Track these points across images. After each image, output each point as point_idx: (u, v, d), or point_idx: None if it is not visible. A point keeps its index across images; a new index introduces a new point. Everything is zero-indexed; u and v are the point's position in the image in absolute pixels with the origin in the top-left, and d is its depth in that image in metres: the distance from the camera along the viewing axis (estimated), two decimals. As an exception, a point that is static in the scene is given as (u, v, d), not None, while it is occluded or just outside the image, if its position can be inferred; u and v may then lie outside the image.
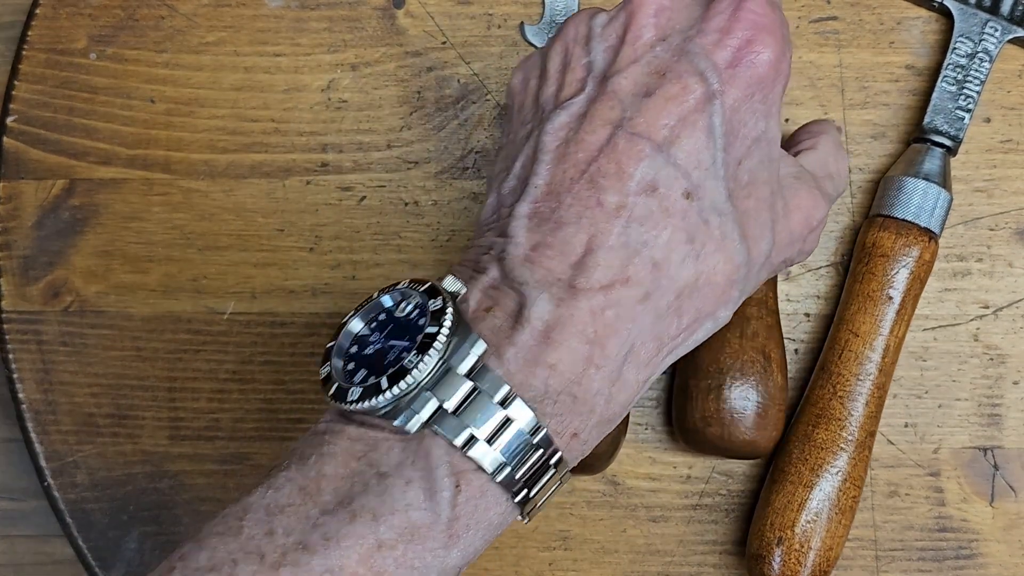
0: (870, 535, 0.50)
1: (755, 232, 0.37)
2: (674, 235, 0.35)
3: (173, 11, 0.53)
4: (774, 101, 0.38)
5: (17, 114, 0.53)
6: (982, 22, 0.50)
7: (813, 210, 0.40)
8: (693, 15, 0.38)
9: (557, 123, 0.37)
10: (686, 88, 0.36)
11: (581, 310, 0.34)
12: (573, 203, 0.35)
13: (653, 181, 0.35)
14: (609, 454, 0.47)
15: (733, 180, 0.37)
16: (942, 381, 0.50)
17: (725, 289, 0.37)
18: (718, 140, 0.36)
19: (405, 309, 0.35)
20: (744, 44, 0.37)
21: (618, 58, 0.37)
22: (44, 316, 0.52)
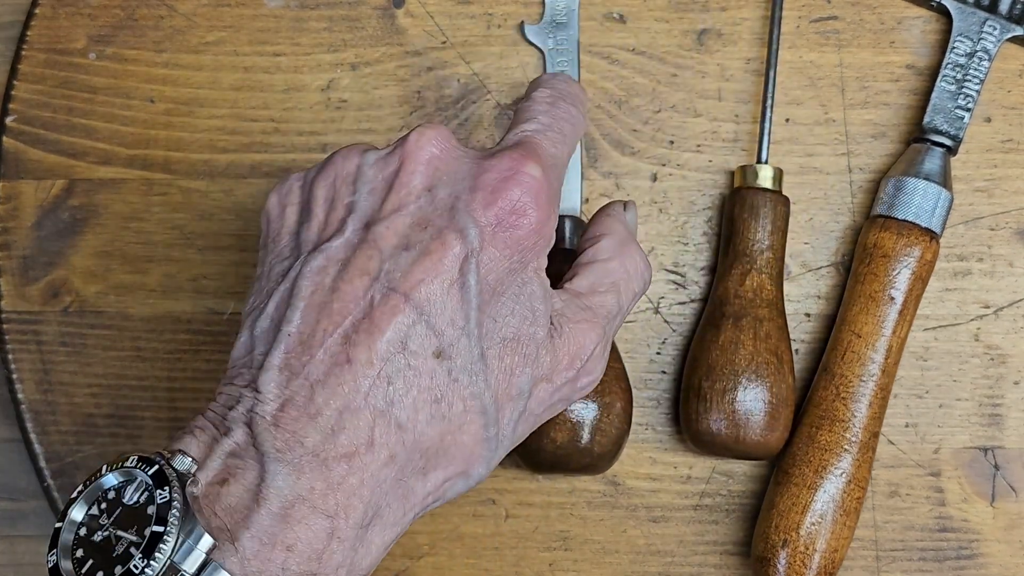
0: (871, 535, 0.50)
1: (511, 390, 0.37)
2: (421, 395, 0.35)
3: (172, 11, 0.53)
4: (532, 260, 0.38)
5: (16, 114, 0.53)
6: (981, 21, 0.50)
7: (579, 347, 0.39)
8: (464, 169, 0.38)
9: (314, 266, 0.36)
10: (445, 245, 0.36)
11: (324, 480, 0.34)
12: (324, 358, 0.35)
13: (404, 338, 0.35)
14: (612, 454, 0.47)
15: (489, 338, 0.36)
16: (943, 381, 0.50)
17: (473, 448, 0.37)
18: (473, 299, 0.36)
19: (132, 496, 0.34)
20: (511, 207, 0.37)
21: (384, 204, 0.37)
22: (44, 316, 0.52)
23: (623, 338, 0.51)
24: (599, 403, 0.46)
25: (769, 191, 0.48)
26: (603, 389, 0.46)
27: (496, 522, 0.51)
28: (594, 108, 0.52)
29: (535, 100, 0.42)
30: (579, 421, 0.46)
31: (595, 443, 0.46)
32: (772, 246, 0.48)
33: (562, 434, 0.46)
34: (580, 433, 0.46)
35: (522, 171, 0.37)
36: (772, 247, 0.48)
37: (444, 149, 0.38)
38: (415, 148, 0.38)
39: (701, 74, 0.52)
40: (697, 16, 0.52)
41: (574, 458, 0.46)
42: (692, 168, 0.51)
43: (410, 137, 0.38)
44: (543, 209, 0.37)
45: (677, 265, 0.51)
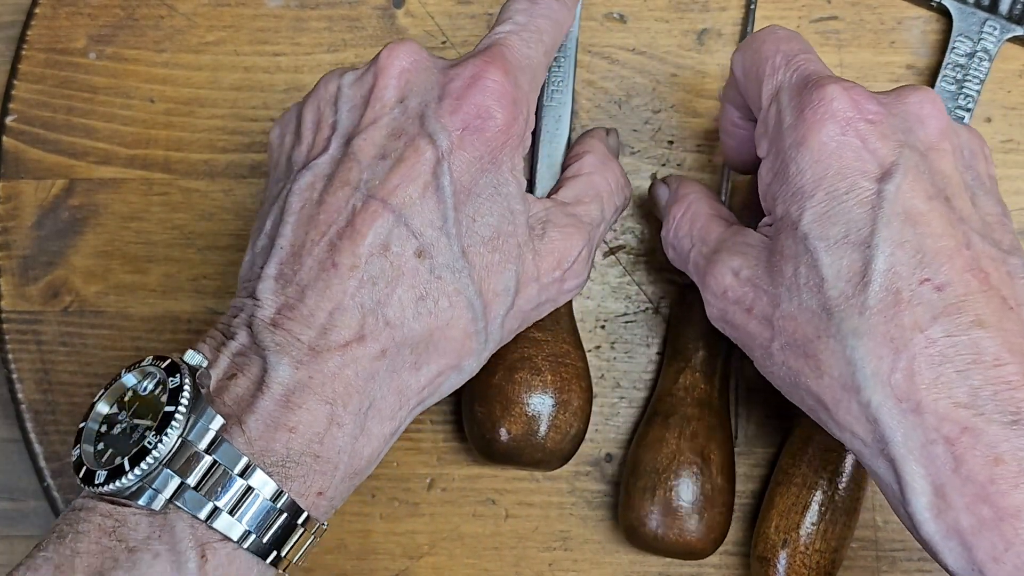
0: (871, 535, 0.50)
1: (496, 286, 0.39)
2: (406, 293, 0.37)
3: (173, 11, 0.53)
4: (505, 160, 0.39)
5: (17, 114, 0.53)
6: (981, 21, 0.50)
7: (565, 250, 0.42)
8: (432, 79, 0.40)
9: (303, 183, 0.39)
10: (417, 151, 0.38)
11: (321, 371, 0.36)
12: (313, 265, 0.37)
13: (386, 242, 0.37)
14: (566, 451, 0.47)
15: (469, 236, 0.39)
16: (943, 381, 0.50)
17: (463, 341, 0.39)
18: (448, 200, 0.38)
19: (147, 387, 0.37)
20: (476, 110, 0.39)
21: (362, 119, 0.39)
22: (43, 316, 0.52)
23: (623, 338, 0.51)
24: (556, 399, 0.46)
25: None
26: (562, 386, 0.46)
27: (496, 522, 0.51)
28: (594, 108, 0.52)
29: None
30: (535, 415, 0.46)
31: (549, 439, 0.46)
32: (707, 344, 0.48)
33: (517, 427, 0.46)
34: (535, 427, 0.46)
35: (484, 76, 0.39)
36: (707, 345, 0.48)
37: (414, 61, 0.40)
38: (387, 63, 0.40)
39: (701, 74, 0.52)
40: (697, 16, 0.52)
41: (527, 452, 0.46)
42: (692, 168, 0.51)
43: (382, 54, 0.40)
44: (508, 110, 0.39)
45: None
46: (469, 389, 0.48)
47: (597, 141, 0.47)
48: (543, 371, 0.46)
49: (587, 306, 0.51)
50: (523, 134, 0.40)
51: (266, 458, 0.35)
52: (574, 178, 0.45)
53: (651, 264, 0.51)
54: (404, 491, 0.51)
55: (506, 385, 0.46)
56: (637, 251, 0.51)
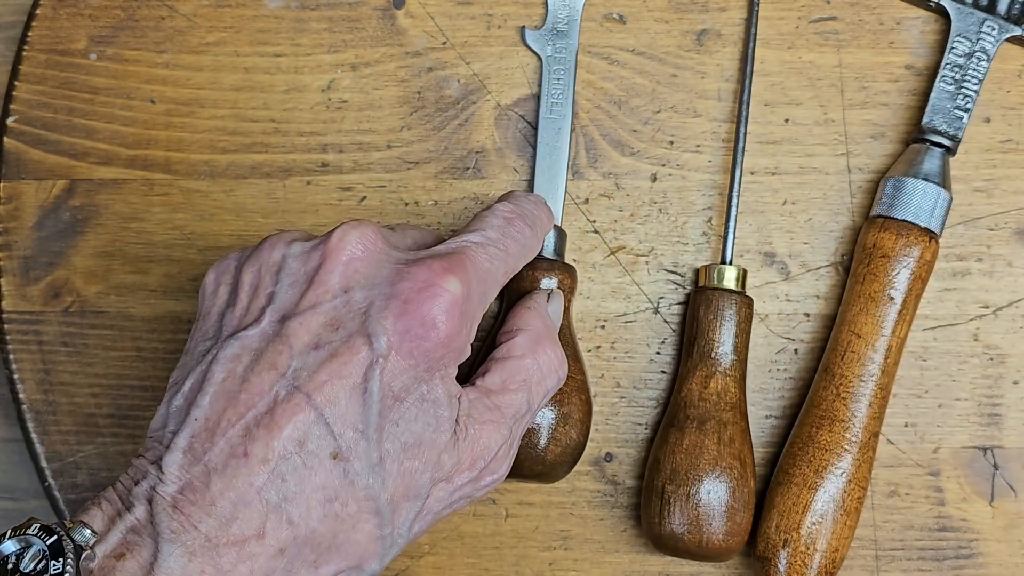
0: (870, 535, 0.50)
1: (408, 492, 0.38)
2: (315, 494, 0.36)
3: (173, 11, 0.53)
4: (439, 370, 0.38)
5: (17, 114, 0.53)
6: (979, 21, 0.50)
7: (483, 448, 0.40)
8: (384, 273, 0.38)
9: (230, 352, 0.37)
10: (352, 348, 0.37)
11: (214, 566, 0.35)
12: (224, 447, 0.36)
13: (302, 438, 0.36)
14: (566, 464, 0.47)
15: (390, 442, 0.37)
16: (942, 381, 0.50)
17: (367, 545, 0.38)
18: (374, 404, 0.37)
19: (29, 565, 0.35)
20: (422, 319, 0.37)
21: (301, 300, 0.38)
22: (44, 316, 0.52)
23: (623, 338, 0.51)
24: (557, 412, 0.46)
25: (733, 292, 0.48)
26: (562, 399, 0.47)
27: (496, 521, 0.51)
28: (594, 108, 0.52)
29: (493, 212, 0.43)
30: (534, 428, 0.46)
31: (548, 451, 0.46)
32: (736, 348, 0.48)
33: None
34: (535, 440, 0.46)
35: (439, 285, 0.38)
36: (736, 349, 0.48)
37: (366, 250, 0.39)
38: (337, 247, 0.38)
39: (701, 75, 0.52)
40: (697, 17, 0.52)
41: (526, 464, 0.46)
42: (692, 168, 0.51)
43: (334, 234, 0.39)
44: (454, 324, 0.38)
45: (677, 265, 0.51)
46: None
47: (534, 314, 0.44)
48: None
49: (587, 306, 0.51)
50: (463, 347, 0.39)
51: None
52: (502, 360, 0.42)
53: (651, 264, 0.51)
54: (404, 491, 0.51)
55: None
56: (637, 251, 0.51)
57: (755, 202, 0.51)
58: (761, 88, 0.51)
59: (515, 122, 0.52)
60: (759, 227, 0.51)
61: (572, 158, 0.51)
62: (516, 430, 0.42)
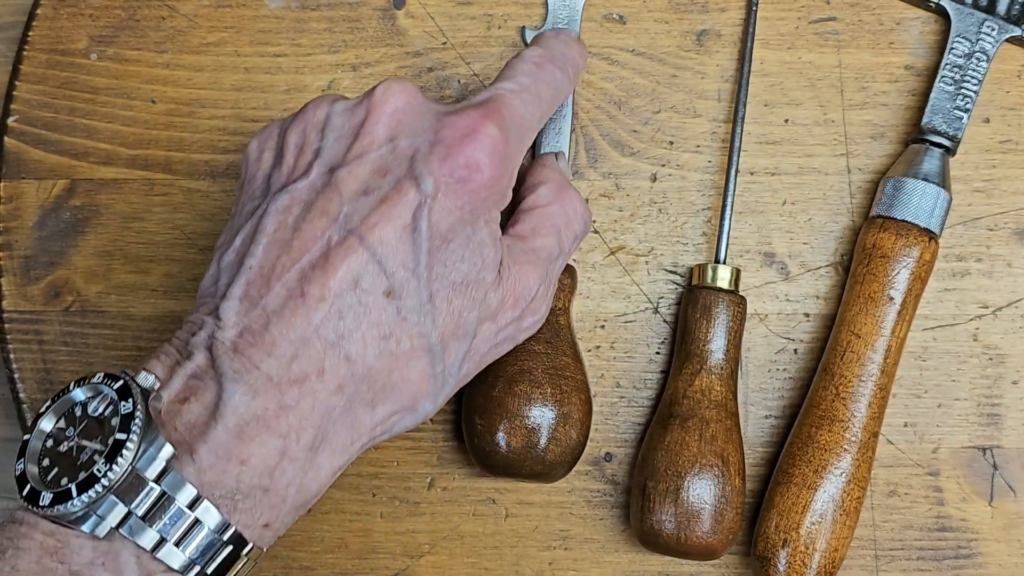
0: (869, 535, 0.50)
1: (457, 331, 0.39)
2: (370, 331, 0.37)
3: (174, 12, 0.53)
4: (483, 212, 0.39)
5: (18, 114, 0.53)
6: (979, 22, 0.50)
7: (523, 289, 0.41)
8: (426, 123, 0.39)
9: (280, 204, 0.38)
10: (400, 191, 0.38)
11: (277, 403, 0.36)
12: (281, 291, 0.37)
13: (357, 277, 0.37)
14: (566, 463, 0.47)
15: (439, 281, 0.38)
16: (941, 381, 0.50)
17: (420, 384, 0.39)
18: (423, 243, 0.38)
19: (98, 408, 0.36)
20: (466, 161, 0.38)
21: (348, 151, 0.39)
22: (45, 316, 0.52)
23: (623, 338, 0.51)
24: (556, 412, 0.46)
25: (724, 292, 0.48)
26: (562, 399, 0.47)
27: (496, 521, 0.51)
28: (594, 109, 0.52)
29: (524, 58, 0.44)
30: (535, 427, 0.46)
31: (549, 451, 0.46)
32: (725, 347, 0.48)
33: (517, 439, 0.46)
34: (535, 439, 0.46)
35: (480, 130, 0.39)
36: (725, 348, 0.48)
37: (409, 102, 0.40)
38: (381, 100, 0.39)
39: (700, 75, 0.52)
40: (697, 17, 0.52)
41: (527, 464, 0.46)
42: (692, 168, 0.51)
43: (377, 89, 0.40)
44: (496, 167, 0.39)
45: (677, 265, 0.51)
46: (469, 401, 0.48)
47: (551, 169, 0.46)
48: (543, 384, 0.46)
49: (587, 306, 0.51)
50: (505, 191, 0.40)
51: (215, 491, 0.35)
52: (530, 211, 0.44)
53: (651, 264, 0.51)
54: (405, 490, 0.51)
55: (506, 398, 0.46)
56: (637, 251, 0.51)
57: (755, 202, 0.51)
58: (761, 88, 0.51)
59: (515, 122, 0.52)
60: (759, 227, 0.51)
61: (572, 158, 0.51)
62: (551, 271, 0.43)
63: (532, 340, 0.47)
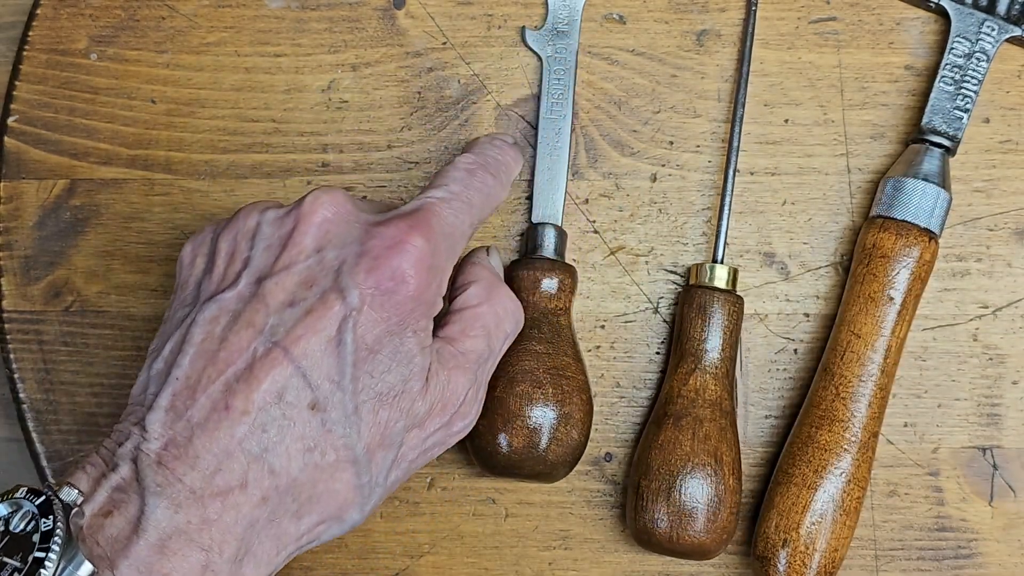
0: (869, 534, 0.50)
1: (385, 441, 0.39)
2: (294, 444, 0.37)
3: (174, 12, 0.53)
4: (411, 323, 0.39)
5: (18, 114, 0.53)
6: (979, 22, 0.50)
7: (451, 395, 0.42)
8: (354, 234, 0.40)
9: (208, 315, 0.39)
10: (326, 304, 0.38)
11: (199, 517, 0.36)
12: (206, 403, 0.37)
13: (281, 390, 0.37)
14: (567, 463, 0.47)
15: (365, 393, 0.38)
16: (941, 381, 0.50)
17: (346, 495, 0.39)
18: (348, 356, 0.38)
19: (18, 524, 0.36)
20: (391, 273, 0.39)
21: (276, 261, 0.39)
22: (45, 316, 0.52)
23: (623, 338, 0.51)
24: (558, 412, 0.46)
25: (720, 291, 0.48)
26: (563, 399, 0.47)
27: (496, 521, 0.51)
28: (594, 109, 0.52)
29: (455, 166, 0.44)
30: (536, 428, 0.46)
31: (550, 451, 0.46)
32: (720, 346, 0.48)
33: (518, 439, 0.46)
34: (536, 440, 0.46)
35: (406, 241, 0.39)
36: (720, 347, 0.48)
37: (337, 212, 0.40)
38: (310, 210, 0.40)
39: (700, 75, 0.52)
40: (696, 17, 0.52)
41: (528, 464, 0.47)
42: (692, 168, 0.51)
43: (306, 199, 0.40)
44: (423, 277, 0.39)
45: (676, 265, 0.51)
46: None
47: (480, 267, 0.46)
48: (544, 384, 0.46)
49: (587, 306, 0.51)
50: (434, 300, 0.41)
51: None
52: (460, 311, 0.44)
53: (651, 264, 0.51)
54: (404, 490, 0.51)
55: (507, 398, 0.46)
56: (637, 251, 0.51)
57: (755, 202, 0.51)
58: (761, 88, 0.51)
59: (515, 122, 0.52)
60: (759, 227, 0.51)
61: (572, 158, 0.51)
62: (481, 375, 0.43)
63: (533, 340, 0.47)
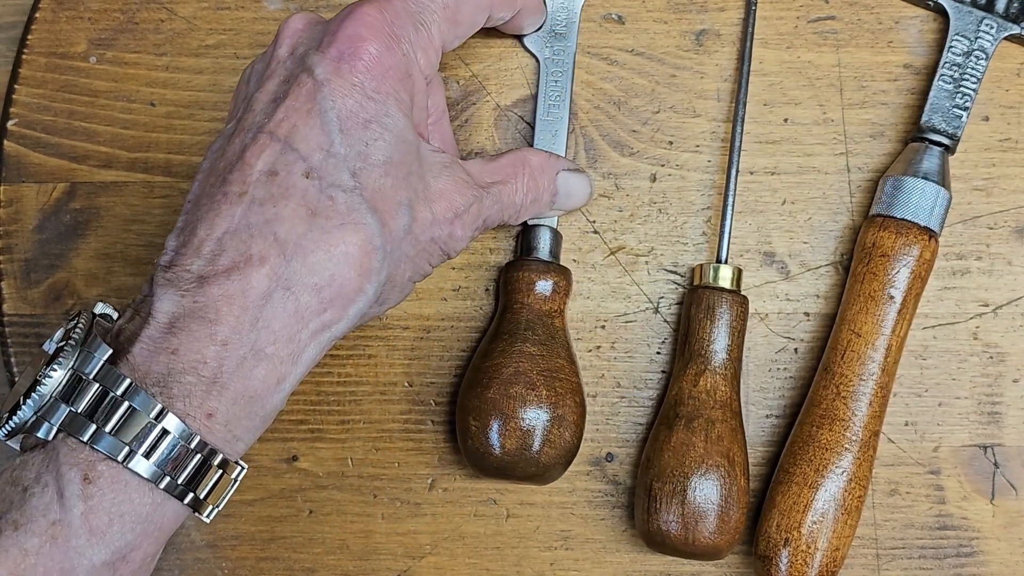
0: (871, 533, 0.50)
1: (390, 207, 0.40)
2: (295, 210, 0.38)
3: (172, 14, 0.53)
4: (390, 91, 0.41)
5: (18, 118, 0.53)
6: (977, 20, 0.50)
7: (456, 196, 0.43)
8: (321, 27, 0.42)
9: (213, 147, 0.41)
10: (299, 84, 0.40)
11: (205, 295, 0.37)
12: (206, 202, 0.39)
13: (273, 167, 0.39)
14: (559, 465, 0.47)
15: (361, 160, 0.40)
16: (942, 379, 0.50)
17: (361, 259, 0.39)
18: (333, 124, 0.39)
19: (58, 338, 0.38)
20: (348, 39, 0.40)
21: (262, 77, 0.42)
22: (46, 319, 0.52)
23: (623, 338, 0.51)
24: (551, 414, 0.46)
25: (726, 291, 0.48)
26: (556, 401, 0.47)
27: (497, 522, 0.51)
28: (593, 109, 0.52)
29: None
30: (529, 429, 0.46)
31: (543, 453, 0.46)
32: (728, 347, 0.48)
33: (511, 441, 0.46)
34: (529, 441, 0.46)
35: (357, 10, 0.41)
36: (728, 348, 0.48)
37: (307, 22, 0.43)
38: (282, 28, 0.43)
39: (700, 75, 0.52)
40: (695, 17, 0.52)
41: (520, 466, 0.47)
42: (691, 168, 0.51)
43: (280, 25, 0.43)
44: (381, 40, 0.40)
45: (677, 265, 0.51)
46: (463, 403, 0.48)
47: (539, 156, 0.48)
48: (538, 386, 0.47)
49: (587, 306, 0.51)
50: (406, 69, 0.41)
51: (148, 379, 0.37)
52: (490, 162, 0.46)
53: (651, 264, 0.51)
54: (406, 491, 0.51)
55: (501, 399, 0.46)
56: (637, 251, 0.51)
57: (754, 202, 0.51)
58: (760, 88, 0.52)
59: (514, 123, 0.52)
60: (759, 227, 0.51)
61: (572, 158, 0.51)
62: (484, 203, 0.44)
63: (527, 342, 0.47)
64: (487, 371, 0.47)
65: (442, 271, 0.51)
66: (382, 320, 0.51)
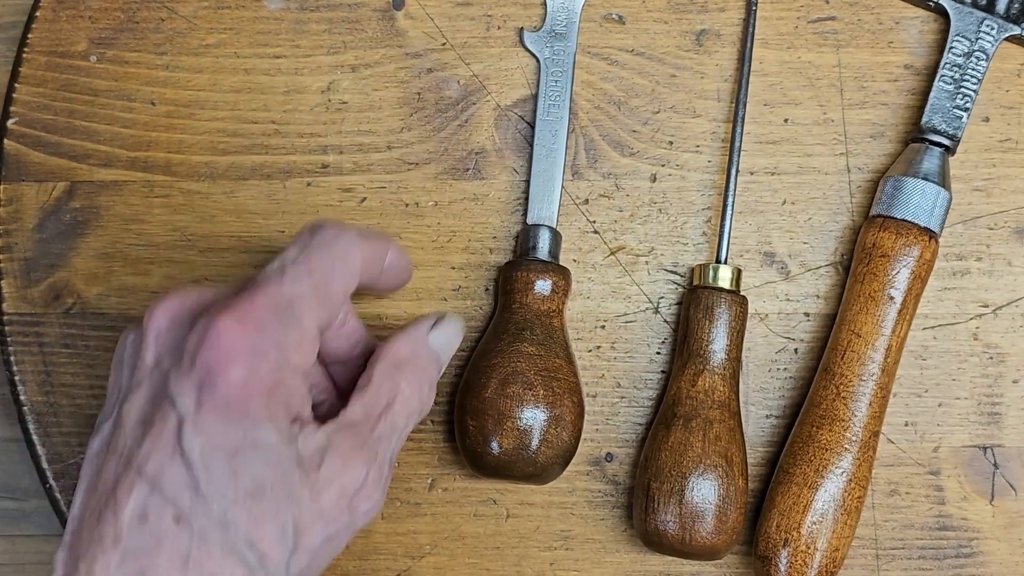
0: (870, 534, 0.50)
1: (270, 535, 0.37)
2: (172, 561, 0.36)
3: (173, 13, 0.53)
4: (260, 408, 0.37)
5: (18, 116, 0.53)
6: (978, 20, 0.50)
7: (348, 480, 0.39)
8: (182, 335, 0.38)
9: (92, 450, 0.39)
10: (163, 416, 0.37)
11: None
12: (85, 535, 0.37)
13: (144, 510, 0.36)
14: (557, 465, 0.47)
15: (233, 492, 0.37)
16: (942, 380, 0.50)
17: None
18: (198, 463, 0.36)
19: None
20: (207, 368, 0.37)
21: (131, 381, 0.39)
22: (45, 318, 0.52)
23: (623, 338, 0.51)
24: (549, 413, 0.46)
25: (724, 291, 0.48)
26: (554, 401, 0.47)
27: (497, 522, 0.51)
28: (593, 109, 0.52)
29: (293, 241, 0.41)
30: (526, 429, 0.46)
31: (540, 453, 0.46)
32: (727, 347, 0.48)
33: (508, 440, 0.46)
34: (526, 441, 0.46)
35: (213, 330, 0.37)
36: (727, 348, 0.48)
37: (172, 318, 0.39)
38: (147, 324, 0.39)
39: (700, 75, 0.52)
40: (696, 17, 0.52)
41: (518, 466, 0.47)
42: (691, 168, 0.51)
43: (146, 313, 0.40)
44: (243, 361, 0.37)
45: (677, 265, 0.51)
46: (461, 403, 0.48)
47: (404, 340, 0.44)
48: (535, 385, 0.46)
49: (587, 306, 0.51)
50: (277, 378, 0.38)
51: None
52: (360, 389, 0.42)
53: (651, 264, 0.51)
54: (405, 491, 0.51)
55: (498, 399, 0.46)
56: (637, 251, 0.51)
57: (754, 202, 0.51)
58: (760, 88, 0.52)
59: (515, 123, 0.52)
60: (759, 227, 0.51)
61: (572, 159, 0.51)
62: (384, 452, 0.41)
63: (525, 342, 0.47)
64: (485, 371, 0.47)
65: (442, 271, 0.51)
66: (382, 320, 0.51)
